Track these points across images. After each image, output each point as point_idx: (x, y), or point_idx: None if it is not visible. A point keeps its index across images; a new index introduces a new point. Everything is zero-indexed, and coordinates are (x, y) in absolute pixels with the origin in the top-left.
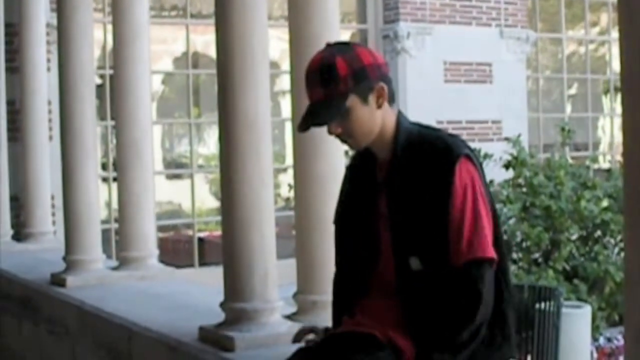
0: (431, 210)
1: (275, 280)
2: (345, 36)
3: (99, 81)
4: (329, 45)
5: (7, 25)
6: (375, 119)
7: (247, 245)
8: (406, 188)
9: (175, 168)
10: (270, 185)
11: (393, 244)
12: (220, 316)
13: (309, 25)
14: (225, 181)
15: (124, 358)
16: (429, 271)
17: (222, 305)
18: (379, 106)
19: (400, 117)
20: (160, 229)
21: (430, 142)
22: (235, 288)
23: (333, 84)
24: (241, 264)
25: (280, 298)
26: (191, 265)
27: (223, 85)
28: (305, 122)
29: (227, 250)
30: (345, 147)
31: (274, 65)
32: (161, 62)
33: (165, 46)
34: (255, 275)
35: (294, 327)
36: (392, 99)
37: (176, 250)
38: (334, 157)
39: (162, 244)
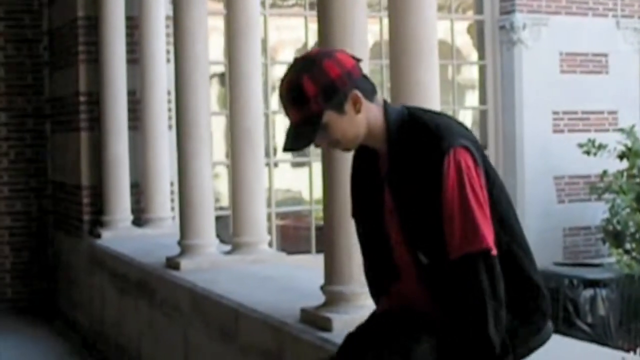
0: (427, 204)
1: None
2: (461, 27)
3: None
4: (295, 63)
5: (128, 19)
6: (357, 123)
7: (347, 231)
8: (405, 182)
9: (297, 157)
10: None
11: (403, 238)
12: (321, 298)
13: (405, 21)
14: (326, 169)
15: (231, 338)
16: (436, 265)
17: (322, 288)
18: (358, 111)
19: (387, 108)
20: (281, 216)
21: (419, 135)
22: (335, 272)
23: (305, 105)
24: (340, 248)
25: None
26: (308, 251)
27: None
28: (288, 144)
29: (327, 235)
30: None
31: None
32: (283, 52)
33: (285, 37)
34: (353, 260)
35: None
36: (371, 95)
37: (296, 237)
38: None
39: (283, 230)
